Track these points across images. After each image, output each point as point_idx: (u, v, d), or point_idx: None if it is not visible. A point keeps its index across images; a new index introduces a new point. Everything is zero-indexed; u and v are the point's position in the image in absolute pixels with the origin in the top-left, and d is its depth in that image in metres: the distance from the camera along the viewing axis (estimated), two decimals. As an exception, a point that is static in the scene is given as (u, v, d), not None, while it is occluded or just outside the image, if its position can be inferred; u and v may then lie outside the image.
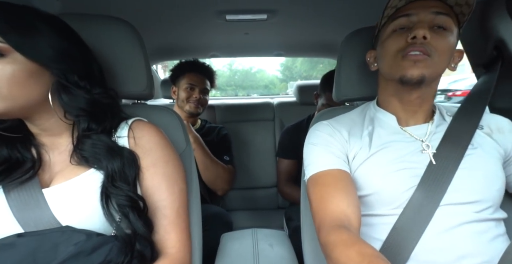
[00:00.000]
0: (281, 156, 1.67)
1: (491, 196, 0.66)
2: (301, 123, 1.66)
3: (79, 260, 0.52)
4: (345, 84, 0.88)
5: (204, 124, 1.64)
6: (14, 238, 0.52)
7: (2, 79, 0.54)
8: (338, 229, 0.61)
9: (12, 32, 0.54)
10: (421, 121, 0.74)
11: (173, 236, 0.66)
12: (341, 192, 0.67)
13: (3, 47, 0.53)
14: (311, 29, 1.44)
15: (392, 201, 0.67)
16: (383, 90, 0.77)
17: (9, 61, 0.54)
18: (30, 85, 0.57)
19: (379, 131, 0.74)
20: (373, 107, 0.79)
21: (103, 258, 0.54)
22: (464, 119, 0.73)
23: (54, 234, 0.53)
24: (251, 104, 2.05)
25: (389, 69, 0.69)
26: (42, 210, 0.57)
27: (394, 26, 0.69)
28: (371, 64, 0.79)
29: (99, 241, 0.55)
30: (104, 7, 1.06)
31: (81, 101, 0.62)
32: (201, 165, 1.39)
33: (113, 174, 0.61)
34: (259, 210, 1.86)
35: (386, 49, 0.69)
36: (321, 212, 0.66)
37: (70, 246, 0.52)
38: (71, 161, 0.63)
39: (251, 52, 2.01)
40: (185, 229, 0.68)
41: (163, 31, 1.41)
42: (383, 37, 0.71)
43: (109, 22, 0.77)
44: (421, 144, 0.71)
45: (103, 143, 0.63)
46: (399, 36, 0.67)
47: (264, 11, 1.18)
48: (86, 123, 0.64)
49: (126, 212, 0.59)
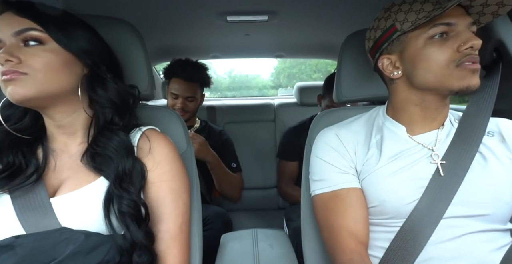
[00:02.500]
0: (282, 158, 1.66)
1: (500, 210, 0.64)
2: (303, 124, 1.65)
3: (77, 259, 0.52)
4: (345, 85, 0.89)
5: (204, 124, 1.63)
6: (12, 239, 0.52)
7: (39, 65, 0.58)
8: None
9: (51, 24, 0.59)
10: (432, 128, 0.72)
11: (174, 251, 0.64)
12: (351, 213, 0.68)
13: (42, 36, 0.59)
14: (311, 30, 1.44)
15: (396, 212, 0.66)
16: (404, 99, 0.72)
17: (47, 49, 0.59)
18: (64, 73, 0.61)
19: (387, 142, 0.71)
20: (382, 115, 0.77)
21: (101, 258, 0.54)
22: (469, 125, 0.71)
23: (52, 234, 0.53)
24: (252, 105, 2.06)
25: (438, 81, 0.65)
26: (49, 220, 0.57)
27: (430, 34, 0.64)
28: (390, 72, 0.71)
29: (97, 241, 0.55)
30: (105, 7, 1.07)
31: (112, 92, 0.65)
32: (220, 181, 1.43)
33: (123, 175, 0.60)
34: (259, 210, 1.86)
35: (431, 59, 0.64)
36: (332, 241, 0.69)
37: (69, 246, 0.52)
38: (81, 160, 0.63)
39: (251, 53, 2.02)
40: (186, 245, 0.67)
41: (164, 31, 1.41)
42: (417, 44, 0.66)
43: (111, 23, 0.77)
44: (431, 153, 0.68)
45: (120, 139, 0.63)
46: (443, 44, 0.63)
47: (265, 12, 1.18)
48: (110, 115, 0.65)
49: (127, 222, 0.58)
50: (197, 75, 1.49)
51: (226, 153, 1.55)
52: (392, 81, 0.73)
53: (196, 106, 1.52)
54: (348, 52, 0.88)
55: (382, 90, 0.81)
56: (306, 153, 0.89)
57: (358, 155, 0.73)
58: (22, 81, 0.57)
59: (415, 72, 0.67)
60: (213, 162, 1.37)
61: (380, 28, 0.71)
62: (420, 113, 0.71)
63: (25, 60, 0.57)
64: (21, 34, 0.58)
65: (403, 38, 0.68)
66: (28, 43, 0.58)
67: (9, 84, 0.57)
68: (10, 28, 0.57)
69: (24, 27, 0.57)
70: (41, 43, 0.59)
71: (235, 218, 1.61)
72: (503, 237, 0.65)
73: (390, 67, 0.71)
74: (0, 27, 0.58)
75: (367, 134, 0.75)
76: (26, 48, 0.58)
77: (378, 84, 0.84)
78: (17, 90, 0.57)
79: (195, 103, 1.50)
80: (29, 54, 0.57)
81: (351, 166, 0.73)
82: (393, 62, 0.71)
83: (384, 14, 0.71)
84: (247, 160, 1.86)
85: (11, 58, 0.56)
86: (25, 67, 0.57)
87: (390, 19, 0.69)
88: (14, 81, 0.56)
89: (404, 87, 0.71)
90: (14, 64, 0.56)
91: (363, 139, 0.75)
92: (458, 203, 0.64)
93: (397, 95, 0.73)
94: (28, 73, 0.57)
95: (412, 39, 0.66)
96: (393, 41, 0.69)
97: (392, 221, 0.67)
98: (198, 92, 1.51)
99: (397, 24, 0.67)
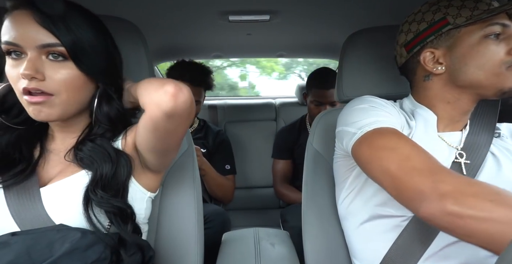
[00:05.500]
0: (276, 157, 1.69)
1: None
2: (294, 124, 1.70)
3: (74, 257, 0.52)
4: (347, 84, 0.88)
5: (203, 124, 1.63)
6: (8, 236, 0.53)
7: (63, 84, 0.58)
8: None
9: (74, 44, 0.57)
10: (454, 129, 0.72)
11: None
12: (417, 147, 0.57)
13: (66, 52, 0.57)
14: (313, 30, 1.44)
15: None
16: (439, 96, 0.70)
17: (69, 66, 0.58)
18: (84, 91, 0.62)
19: (419, 127, 0.70)
20: (409, 103, 0.75)
21: (98, 255, 0.54)
22: (478, 126, 0.71)
23: (49, 232, 0.54)
24: (253, 104, 2.06)
25: (489, 78, 0.64)
26: (37, 210, 0.58)
27: (486, 32, 0.63)
28: (432, 67, 0.69)
29: (94, 239, 0.55)
30: (106, 7, 1.07)
31: (114, 112, 0.66)
32: (211, 185, 1.44)
33: (100, 179, 0.60)
34: (260, 209, 1.86)
35: (486, 57, 0.63)
36: (403, 173, 0.54)
37: (65, 244, 0.52)
38: (65, 157, 0.64)
39: (253, 53, 2.02)
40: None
41: (165, 31, 1.41)
42: (470, 40, 0.64)
43: (112, 23, 0.77)
44: (456, 152, 0.68)
45: (102, 148, 0.64)
46: (497, 45, 0.63)
47: (266, 12, 1.18)
48: (103, 130, 0.65)
49: (112, 218, 0.60)
50: (203, 79, 1.50)
51: (222, 154, 1.55)
52: (428, 77, 0.71)
53: (199, 109, 1.54)
54: (349, 52, 0.88)
55: (384, 89, 0.81)
56: (307, 152, 0.90)
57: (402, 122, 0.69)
58: (47, 103, 0.57)
59: (465, 69, 0.65)
60: (205, 169, 1.38)
61: (426, 20, 0.69)
62: (450, 111, 0.70)
63: (48, 76, 0.57)
64: (47, 48, 0.56)
65: (454, 32, 0.66)
66: (52, 57, 0.57)
67: (33, 105, 0.57)
68: (36, 40, 0.56)
69: (52, 42, 0.56)
70: (64, 58, 0.58)
71: (236, 217, 1.61)
72: None
73: (432, 62, 0.69)
74: (23, 36, 0.56)
75: (400, 113, 0.71)
76: (49, 62, 0.57)
77: (380, 83, 0.84)
78: (41, 112, 0.58)
79: (199, 106, 1.52)
80: (53, 70, 0.57)
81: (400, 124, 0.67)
82: (436, 57, 0.69)
83: (430, 7, 0.69)
84: (248, 159, 1.87)
85: (37, 75, 0.55)
86: (49, 86, 0.57)
87: (439, 12, 0.67)
88: (39, 103, 0.57)
89: (440, 84, 0.70)
90: (39, 81, 0.56)
91: (399, 113, 0.71)
92: None
93: (430, 91, 0.71)
94: (53, 95, 0.57)
95: (466, 35, 0.65)
96: (441, 34, 0.67)
97: (404, 213, 0.66)
98: (202, 96, 1.52)
99: (449, 18, 0.66)
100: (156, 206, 0.80)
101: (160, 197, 0.82)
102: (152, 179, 0.71)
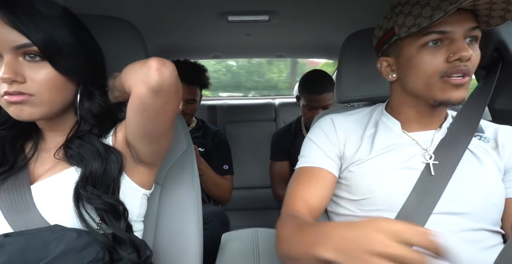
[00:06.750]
0: (273, 159, 1.70)
1: (487, 210, 0.64)
2: (290, 125, 1.70)
3: (70, 257, 0.52)
4: (346, 85, 0.88)
5: (201, 124, 1.63)
6: (1, 238, 0.52)
7: (44, 84, 0.57)
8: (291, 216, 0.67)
9: (46, 45, 0.56)
10: (429, 128, 0.72)
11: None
12: (312, 189, 0.71)
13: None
14: (312, 30, 1.44)
15: (386, 204, 0.67)
16: (400, 101, 0.73)
17: (48, 66, 0.57)
18: (65, 90, 0.61)
19: (380, 135, 0.72)
20: (380, 111, 0.77)
21: (94, 255, 0.53)
22: (462, 124, 0.71)
23: (43, 233, 0.53)
24: (253, 105, 2.06)
25: (424, 89, 0.65)
26: (30, 211, 0.57)
27: (421, 42, 0.62)
28: (387, 74, 0.72)
29: (89, 239, 0.55)
30: (106, 7, 1.07)
31: (97, 108, 0.65)
32: (209, 185, 1.43)
33: (89, 176, 0.60)
34: (259, 210, 1.86)
35: (420, 68, 0.63)
36: (287, 205, 0.72)
37: (61, 245, 0.52)
38: (55, 155, 0.63)
39: (253, 53, 2.02)
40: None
41: (165, 31, 1.41)
42: (410, 50, 0.65)
43: (111, 23, 0.77)
44: (424, 153, 0.68)
45: (91, 145, 0.63)
46: (434, 53, 0.62)
47: (265, 12, 1.18)
48: (89, 127, 0.65)
49: (103, 215, 0.59)
50: (198, 78, 1.48)
51: (220, 154, 1.54)
52: (390, 83, 0.74)
53: (195, 108, 1.52)
54: (349, 52, 0.88)
55: (383, 89, 0.81)
56: None
57: (348, 143, 0.74)
58: (28, 103, 0.57)
59: (406, 78, 0.67)
60: (203, 169, 1.38)
61: (383, 28, 0.71)
62: (415, 115, 0.72)
63: (29, 77, 0.56)
64: (22, 49, 0.55)
65: (399, 42, 0.67)
66: (29, 58, 0.56)
67: (13, 104, 0.56)
68: (9, 41, 0.54)
69: (24, 42, 0.54)
70: (41, 58, 0.57)
71: (235, 218, 1.61)
72: (491, 237, 0.65)
73: (388, 69, 0.72)
74: None
75: (362, 126, 0.77)
76: (27, 63, 0.56)
77: (379, 84, 0.84)
78: (23, 111, 0.57)
79: (195, 105, 1.50)
80: (32, 71, 0.56)
81: (336, 153, 0.74)
82: (391, 65, 0.71)
83: (388, 13, 0.70)
84: (247, 159, 1.87)
85: (17, 77, 0.54)
86: (31, 87, 0.56)
87: (391, 20, 0.68)
88: (19, 103, 0.56)
89: (399, 90, 0.72)
90: (19, 84, 0.55)
91: (357, 130, 0.76)
92: (446, 200, 0.64)
93: (394, 95, 0.74)
94: (34, 95, 0.56)
95: (406, 45, 0.66)
96: (391, 44, 0.69)
97: (383, 214, 0.67)
98: (198, 94, 1.51)
99: (396, 28, 0.66)
100: (155, 206, 0.80)
101: (159, 197, 0.82)
102: (145, 175, 0.70)
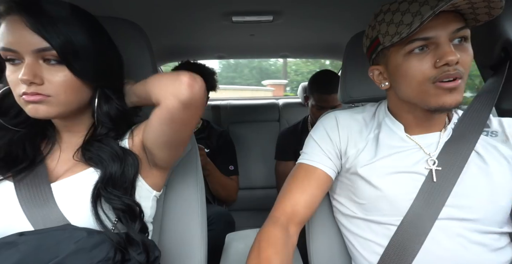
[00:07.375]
0: (279, 159, 1.69)
1: (494, 213, 0.63)
2: (296, 125, 1.69)
3: (80, 256, 0.52)
4: (350, 85, 0.88)
5: (206, 124, 1.64)
6: (15, 236, 0.53)
7: (61, 87, 0.58)
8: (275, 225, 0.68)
9: (64, 49, 0.57)
10: (432, 130, 0.70)
11: None
12: (303, 188, 0.72)
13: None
14: (316, 30, 1.43)
15: (391, 208, 0.66)
16: (397, 107, 0.72)
17: (66, 70, 0.59)
18: (82, 92, 0.62)
19: (385, 138, 0.71)
20: (384, 111, 0.75)
21: (104, 255, 0.54)
22: (468, 125, 0.69)
23: (55, 232, 0.54)
24: (257, 105, 2.06)
25: (417, 96, 0.63)
26: (50, 207, 0.58)
27: (406, 50, 0.61)
28: (380, 82, 0.71)
29: (100, 238, 0.56)
30: (111, 8, 1.07)
31: (114, 112, 0.66)
32: (216, 185, 1.44)
33: (109, 177, 0.61)
34: (264, 210, 1.85)
35: (410, 75, 0.62)
36: (277, 203, 0.73)
37: (71, 244, 0.53)
38: (74, 157, 0.65)
39: (257, 54, 2.02)
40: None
41: (169, 32, 1.42)
42: (396, 59, 0.64)
43: (116, 24, 0.77)
44: (427, 158, 0.66)
45: (110, 147, 0.65)
46: (421, 60, 0.60)
47: (270, 13, 1.18)
48: (106, 130, 0.66)
49: (120, 215, 0.61)
50: (207, 80, 1.49)
51: (225, 154, 1.55)
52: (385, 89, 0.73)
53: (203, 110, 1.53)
54: (353, 52, 0.88)
55: (387, 90, 0.81)
56: None
57: (350, 143, 0.73)
58: (45, 102, 0.58)
59: (399, 86, 0.66)
60: (209, 169, 1.39)
61: (369, 37, 0.70)
62: (413, 119, 0.70)
63: (47, 79, 0.58)
64: (42, 52, 0.57)
65: (385, 51, 0.66)
66: (49, 61, 0.58)
67: (30, 103, 0.58)
68: (30, 45, 0.56)
69: (45, 46, 0.56)
70: (59, 62, 0.58)
71: (240, 218, 1.61)
72: (498, 239, 0.64)
73: (381, 77, 0.70)
74: (18, 41, 0.56)
75: (366, 126, 0.75)
76: (46, 66, 0.58)
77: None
78: (39, 110, 0.58)
79: None
80: (50, 73, 0.58)
81: (336, 152, 0.74)
82: (382, 73, 0.70)
83: (372, 22, 0.69)
84: (251, 160, 1.87)
85: (35, 79, 0.56)
86: (48, 89, 0.58)
87: (375, 29, 0.67)
88: (36, 102, 0.58)
89: (394, 97, 0.71)
90: (37, 85, 0.57)
91: (361, 130, 0.74)
92: (451, 206, 0.63)
93: (391, 102, 0.74)
94: (51, 95, 0.58)
95: (392, 54, 0.65)
96: (379, 53, 0.68)
97: (388, 218, 0.67)
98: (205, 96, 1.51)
99: (380, 37, 0.65)
100: (160, 206, 0.81)
101: (164, 198, 0.82)
102: (158, 177, 0.71)
